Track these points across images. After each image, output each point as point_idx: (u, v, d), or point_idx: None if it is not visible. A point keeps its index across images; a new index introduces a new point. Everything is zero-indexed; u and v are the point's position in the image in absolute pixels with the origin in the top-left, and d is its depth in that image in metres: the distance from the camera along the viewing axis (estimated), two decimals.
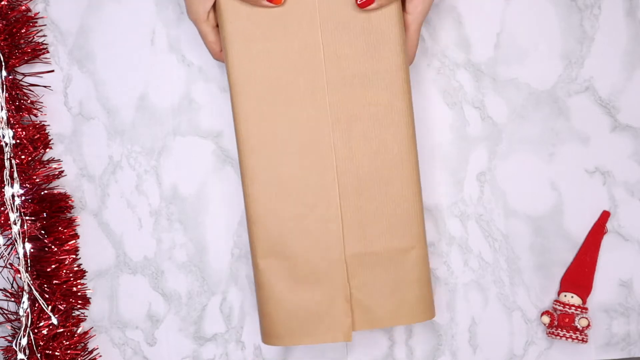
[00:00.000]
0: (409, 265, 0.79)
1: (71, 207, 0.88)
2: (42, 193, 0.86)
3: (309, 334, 0.79)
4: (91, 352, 0.89)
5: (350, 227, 0.78)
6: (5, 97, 0.85)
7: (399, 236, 0.78)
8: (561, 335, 0.87)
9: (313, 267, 0.78)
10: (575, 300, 0.87)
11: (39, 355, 0.85)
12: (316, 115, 0.77)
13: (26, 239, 0.86)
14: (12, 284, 0.87)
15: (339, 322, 0.79)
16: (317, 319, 0.79)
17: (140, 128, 0.88)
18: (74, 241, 0.88)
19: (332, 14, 0.75)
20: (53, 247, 0.86)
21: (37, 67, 0.87)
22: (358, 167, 0.77)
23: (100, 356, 0.90)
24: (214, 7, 0.76)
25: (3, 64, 0.85)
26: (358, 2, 0.74)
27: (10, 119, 0.85)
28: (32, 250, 0.85)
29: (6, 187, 0.85)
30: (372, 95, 0.76)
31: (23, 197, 0.85)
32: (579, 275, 0.88)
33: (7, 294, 0.87)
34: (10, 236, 0.86)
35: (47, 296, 0.86)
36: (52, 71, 0.88)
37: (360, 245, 0.78)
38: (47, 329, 0.86)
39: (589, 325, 0.87)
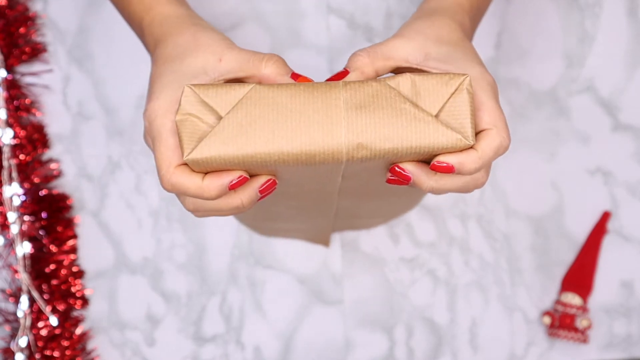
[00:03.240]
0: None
1: (70, 207, 0.88)
2: (41, 193, 0.86)
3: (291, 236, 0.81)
4: (90, 352, 0.89)
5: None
6: (4, 96, 0.85)
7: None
8: (562, 335, 0.87)
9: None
10: (576, 300, 0.87)
11: (37, 356, 0.85)
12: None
13: (25, 239, 0.85)
14: (10, 285, 0.87)
15: (319, 232, 0.79)
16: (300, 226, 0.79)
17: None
18: (73, 241, 0.87)
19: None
20: (52, 247, 0.86)
21: (36, 66, 0.87)
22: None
23: (99, 357, 0.89)
24: None
25: (2, 63, 0.84)
26: (390, 178, 0.55)
27: (9, 118, 0.85)
28: (31, 250, 0.85)
29: (5, 187, 0.84)
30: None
31: (22, 197, 0.85)
32: (580, 275, 0.88)
33: (6, 295, 0.87)
34: (9, 236, 0.86)
35: (46, 297, 0.86)
36: (51, 71, 0.87)
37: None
38: (46, 330, 0.85)
39: (590, 325, 0.86)
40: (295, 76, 0.54)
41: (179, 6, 0.61)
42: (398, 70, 0.57)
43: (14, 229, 0.85)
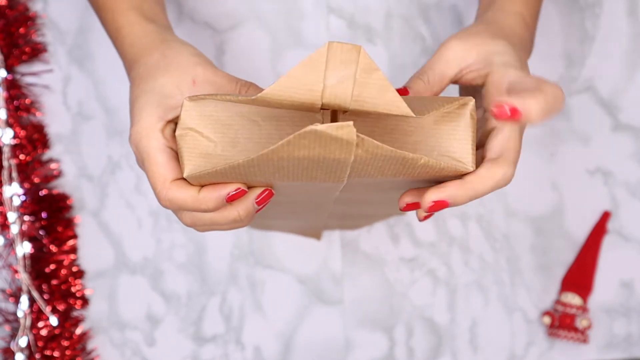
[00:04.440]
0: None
1: (70, 207, 0.88)
2: (41, 193, 0.86)
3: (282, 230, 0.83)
4: (90, 352, 0.89)
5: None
6: (4, 96, 0.85)
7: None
8: (562, 335, 0.87)
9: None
10: (576, 300, 0.87)
11: (37, 356, 0.85)
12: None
13: (25, 239, 0.85)
14: (10, 285, 0.87)
15: (311, 228, 0.80)
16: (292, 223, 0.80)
17: None
18: (73, 241, 0.87)
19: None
20: (52, 247, 0.86)
21: (36, 66, 0.87)
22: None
23: (99, 357, 0.89)
24: None
25: (2, 63, 0.84)
26: (402, 208, 0.55)
27: (9, 118, 0.85)
28: (31, 250, 0.85)
29: (5, 187, 0.84)
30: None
31: (22, 197, 0.85)
32: (580, 275, 0.88)
33: (6, 295, 0.87)
34: (9, 236, 0.86)
35: (46, 297, 0.86)
36: (51, 71, 0.87)
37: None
38: (46, 330, 0.85)
39: (590, 325, 0.86)
40: None
41: (147, 23, 0.61)
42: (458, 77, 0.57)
43: (14, 229, 0.85)
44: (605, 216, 0.88)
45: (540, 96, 0.48)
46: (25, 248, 0.85)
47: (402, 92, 0.55)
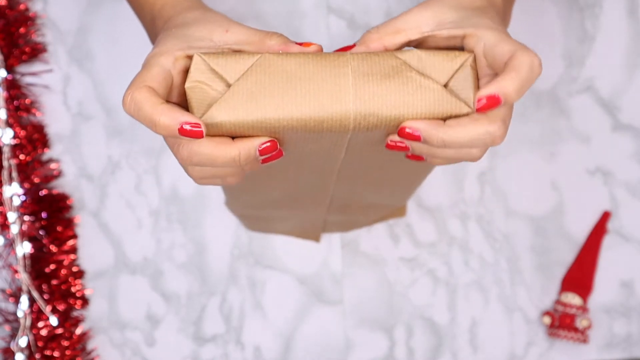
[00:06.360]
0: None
1: (70, 207, 0.88)
2: (41, 193, 0.86)
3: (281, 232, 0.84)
4: (90, 352, 0.89)
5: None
6: (4, 96, 0.85)
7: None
8: (562, 335, 0.87)
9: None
10: (576, 300, 0.87)
11: (37, 356, 0.85)
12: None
13: (25, 239, 0.85)
14: (10, 285, 0.87)
15: (310, 229, 0.82)
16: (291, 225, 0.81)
17: (140, 128, 0.88)
18: (73, 241, 0.87)
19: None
20: (52, 247, 0.86)
21: (36, 66, 0.87)
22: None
23: (99, 357, 0.89)
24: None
25: (2, 63, 0.84)
26: (390, 144, 0.53)
27: (9, 118, 0.85)
28: (31, 250, 0.85)
29: (5, 187, 0.84)
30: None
31: (22, 197, 0.85)
32: (580, 275, 0.88)
33: (6, 295, 0.87)
34: (9, 236, 0.86)
35: (46, 297, 0.86)
36: (51, 71, 0.87)
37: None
38: (46, 330, 0.85)
39: (590, 325, 0.86)
40: (300, 44, 0.54)
41: None
42: (411, 44, 0.56)
43: (14, 229, 0.85)
44: (605, 216, 0.88)
45: (514, 74, 0.48)
46: (25, 248, 0.85)
47: (349, 48, 0.55)
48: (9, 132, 0.85)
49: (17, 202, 0.85)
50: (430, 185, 0.88)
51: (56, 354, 0.86)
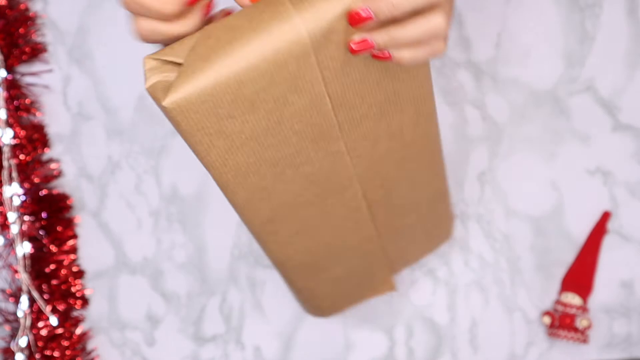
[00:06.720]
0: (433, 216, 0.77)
1: (70, 207, 0.88)
2: (41, 193, 0.86)
3: (355, 298, 0.79)
4: (90, 352, 0.89)
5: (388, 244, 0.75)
6: (4, 96, 0.85)
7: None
8: (562, 335, 0.87)
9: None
10: (576, 300, 0.87)
11: (37, 356, 0.85)
12: (333, 160, 0.69)
13: (25, 239, 0.85)
14: (10, 285, 0.87)
15: (380, 277, 0.78)
16: (358, 282, 0.77)
17: (140, 128, 0.88)
18: (73, 241, 0.87)
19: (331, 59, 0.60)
20: (52, 247, 0.86)
21: (36, 66, 0.87)
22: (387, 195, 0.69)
23: (99, 357, 0.89)
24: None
25: (2, 63, 0.84)
26: (353, 47, 0.52)
27: (9, 118, 0.85)
28: (31, 250, 0.85)
29: (5, 187, 0.84)
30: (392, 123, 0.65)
31: (22, 197, 0.85)
32: (580, 275, 0.88)
33: (6, 295, 0.87)
34: (9, 236, 0.86)
35: (46, 297, 0.86)
36: (51, 71, 0.87)
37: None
38: (46, 330, 0.85)
39: (589, 325, 0.86)
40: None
41: None
42: None
43: (14, 229, 0.85)
44: (605, 216, 0.88)
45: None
46: (25, 248, 0.85)
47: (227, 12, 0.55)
48: (9, 132, 0.85)
49: (17, 202, 0.85)
50: None
51: (56, 354, 0.86)
